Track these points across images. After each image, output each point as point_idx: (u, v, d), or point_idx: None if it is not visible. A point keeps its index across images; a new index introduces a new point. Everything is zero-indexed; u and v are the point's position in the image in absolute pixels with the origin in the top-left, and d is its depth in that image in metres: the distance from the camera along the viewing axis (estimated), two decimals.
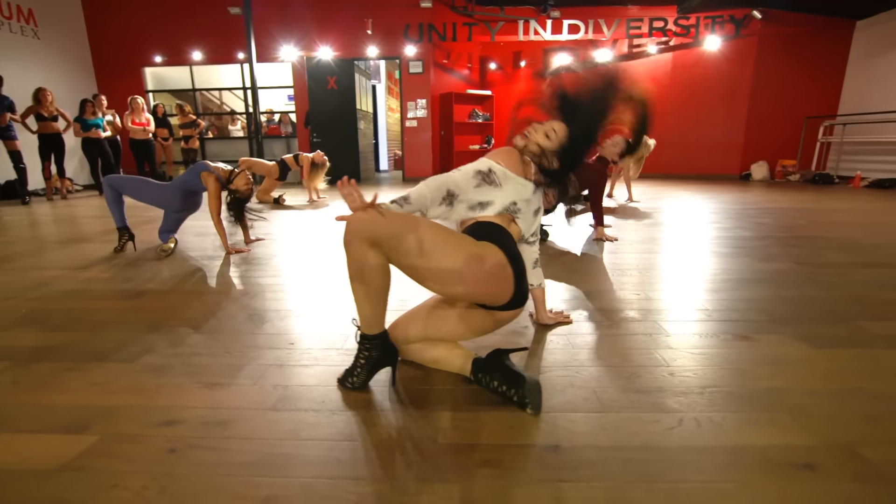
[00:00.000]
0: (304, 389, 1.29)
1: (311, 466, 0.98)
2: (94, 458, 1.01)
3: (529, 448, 1.03)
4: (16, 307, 2.03)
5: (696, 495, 0.88)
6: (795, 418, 1.13)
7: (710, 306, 1.93)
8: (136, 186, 2.99)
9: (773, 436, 1.07)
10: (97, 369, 1.43)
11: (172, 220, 3.06)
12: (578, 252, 2.93)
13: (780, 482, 0.92)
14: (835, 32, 7.50)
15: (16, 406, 1.23)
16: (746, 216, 4.25)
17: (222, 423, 1.13)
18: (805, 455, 1.00)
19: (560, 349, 1.54)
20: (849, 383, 1.31)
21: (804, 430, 1.09)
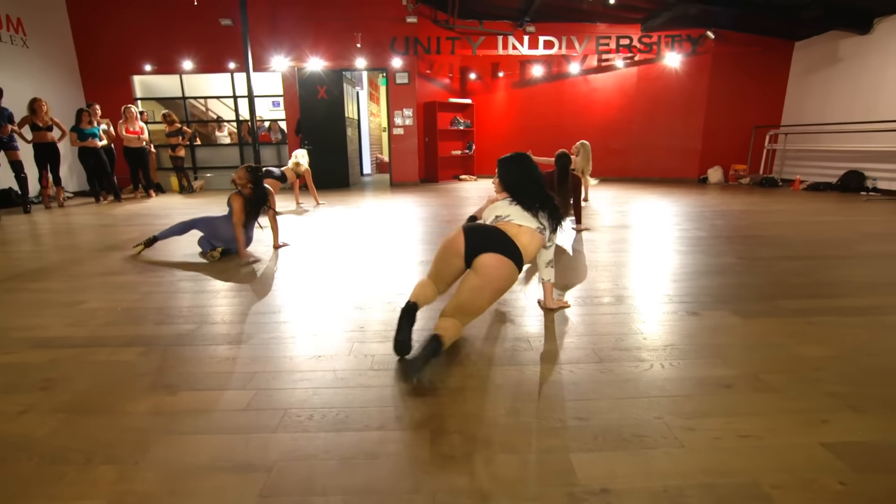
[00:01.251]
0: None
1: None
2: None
3: (548, 385, 1.57)
4: (111, 307, 2.42)
5: (661, 403, 1.44)
6: (724, 361, 1.71)
7: (672, 292, 2.52)
8: (210, 225, 3.52)
9: (708, 370, 1.64)
10: (215, 350, 1.89)
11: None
12: (563, 251, 3.51)
13: (709, 395, 1.49)
14: (777, 51, 8.43)
15: (180, 375, 1.68)
16: (703, 218, 4.95)
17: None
18: (727, 380, 1.57)
19: (563, 324, 2.09)
20: (761, 339, 1.91)
21: (727, 366, 1.67)
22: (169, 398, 1.52)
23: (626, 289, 2.60)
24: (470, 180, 9.86)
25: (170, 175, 8.68)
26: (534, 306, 2.32)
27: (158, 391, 1.56)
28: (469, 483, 1.11)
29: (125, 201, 7.27)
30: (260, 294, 2.60)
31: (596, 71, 9.25)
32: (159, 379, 1.64)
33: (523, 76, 9.78)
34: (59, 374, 1.69)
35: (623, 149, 9.34)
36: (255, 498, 1.08)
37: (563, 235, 4.06)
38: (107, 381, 1.64)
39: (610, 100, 9.28)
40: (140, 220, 5.36)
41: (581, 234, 4.12)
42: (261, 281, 2.87)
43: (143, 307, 2.40)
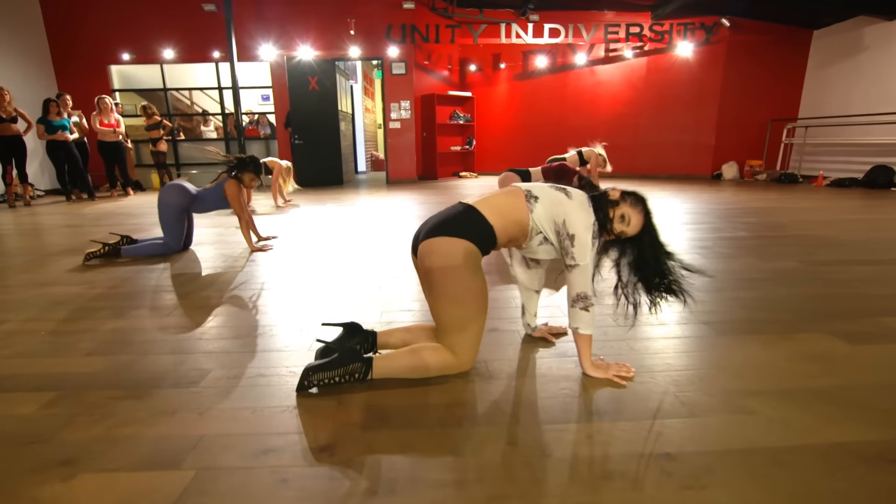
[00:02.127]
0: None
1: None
2: (201, 497, 0.97)
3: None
4: (34, 329, 1.89)
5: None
6: (843, 410, 1.22)
7: (741, 308, 2.02)
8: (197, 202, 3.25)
9: (848, 434, 1.14)
10: (157, 396, 1.36)
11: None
12: None
13: (871, 474, 0.99)
14: (795, 41, 7.99)
15: (88, 443, 1.15)
16: (733, 216, 4.47)
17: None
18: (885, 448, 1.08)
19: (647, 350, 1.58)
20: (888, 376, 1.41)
21: (858, 421, 1.17)
22: (59, 486, 1.00)
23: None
24: (470, 177, 9.35)
25: (150, 172, 8.11)
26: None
27: (49, 471, 1.04)
28: None
29: (99, 200, 6.70)
30: (232, 312, 2.08)
31: (603, 62, 8.77)
32: (58, 449, 1.12)
33: (526, 67, 9.28)
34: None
35: (630, 144, 8.87)
36: None
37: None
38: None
39: (617, 92, 8.80)
40: (111, 220, 4.81)
41: None
42: (233, 295, 2.34)
43: (76, 330, 1.88)
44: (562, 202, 1.33)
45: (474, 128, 9.55)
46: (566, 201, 1.33)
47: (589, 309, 1.35)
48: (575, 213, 1.31)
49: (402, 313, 2.02)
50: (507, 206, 1.34)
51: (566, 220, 1.30)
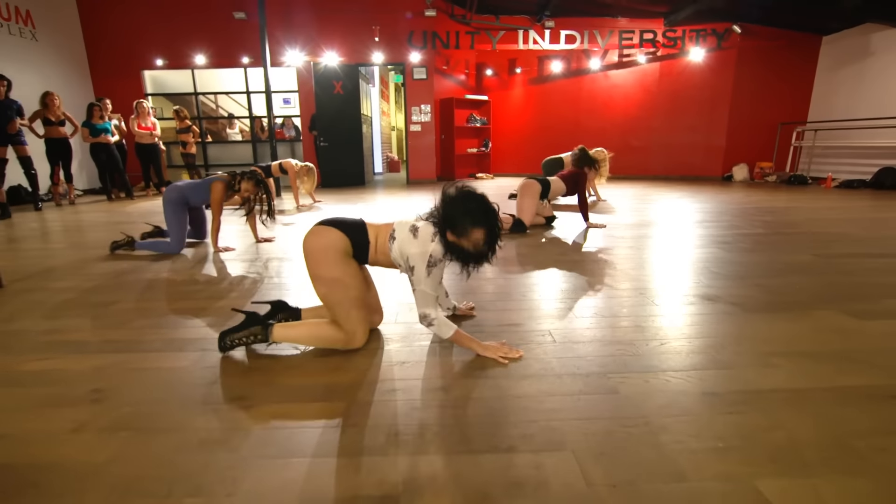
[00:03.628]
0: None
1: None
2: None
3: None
4: (147, 307, 2.20)
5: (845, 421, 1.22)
6: (852, 365, 1.49)
7: (762, 289, 2.30)
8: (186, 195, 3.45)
9: (861, 378, 1.42)
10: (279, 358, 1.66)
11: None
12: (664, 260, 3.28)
13: (880, 408, 1.27)
14: (804, 46, 8.23)
15: (249, 386, 1.45)
16: (749, 214, 4.73)
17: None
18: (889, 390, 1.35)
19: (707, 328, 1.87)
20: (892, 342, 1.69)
21: (865, 373, 1.45)
22: (243, 413, 1.29)
23: (709, 287, 2.37)
24: (487, 179, 9.64)
25: (181, 172, 8.46)
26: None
27: (231, 403, 1.34)
28: None
29: (137, 198, 7.04)
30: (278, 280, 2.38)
31: (616, 67, 9.04)
32: (227, 389, 1.42)
33: (541, 72, 9.57)
34: (108, 383, 1.46)
35: (643, 146, 9.13)
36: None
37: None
38: (167, 391, 1.41)
39: (630, 96, 9.07)
40: (156, 218, 5.13)
41: (620, 233, 3.90)
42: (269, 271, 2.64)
43: (181, 308, 2.18)
44: (408, 241, 1.58)
45: (490, 130, 9.84)
46: (411, 241, 1.57)
47: (433, 323, 1.56)
48: (415, 249, 1.55)
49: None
50: (381, 238, 1.66)
51: (409, 256, 1.57)
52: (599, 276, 2.60)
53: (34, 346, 1.76)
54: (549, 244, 3.47)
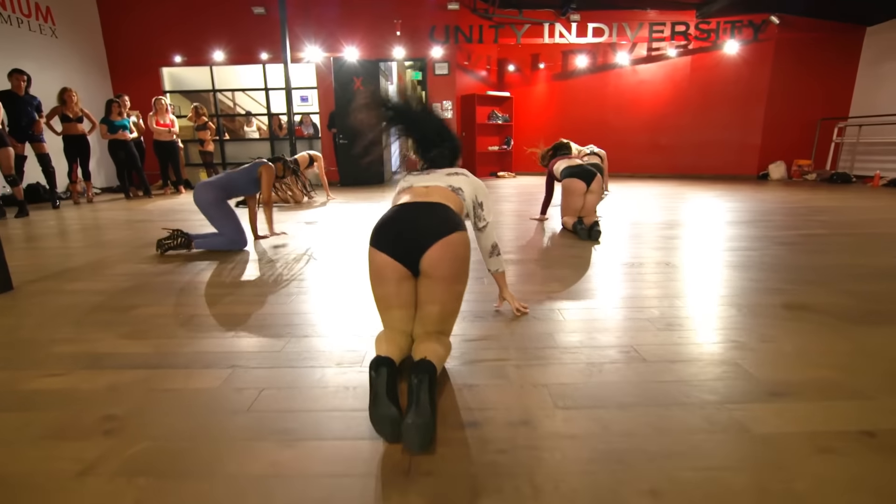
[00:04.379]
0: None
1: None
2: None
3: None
4: (167, 313, 1.98)
5: None
6: None
7: (856, 297, 2.00)
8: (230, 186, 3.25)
9: None
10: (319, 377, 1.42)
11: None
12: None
13: None
14: (846, 37, 7.80)
15: (284, 413, 1.21)
16: (800, 214, 4.39)
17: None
18: None
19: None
20: None
21: None
22: (286, 452, 1.05)
23: (793, 293, 2.08)
24: (508, 177, 9.36)
25: (199, 171, 8.34)
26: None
27: (270, 440, 1.10)
28: None
29: (155, 197, 6.91)
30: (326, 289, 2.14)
31: (645, 61, 8.69)
32: (265, 419, 1.18)
33: (565, 68, 9.25)
34: (124, 408, 1.24)
35: (672, 144, 8.76)
36: None
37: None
38: (194, 420, 1.18)
39: (659, 92, 8.71)
40: (176, 216, 4.97)
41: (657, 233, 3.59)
42: (320, 276, 2.41)
43: (208, 313, 1.96)
44: (469, 184, 1.60)
45: (512, 128, 9.56)
46: (470, 182, 1.61)
47: (500, 252, 1.76)
48: (479, 187, 1.66)
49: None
50: (452, 200, 1.50)
51: (478, 195, 1.64)
52: (664, 280, 2.32)
53: (42, 360, 1.55)
54: (591, 248, 3.19)
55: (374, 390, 1.10)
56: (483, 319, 1.84)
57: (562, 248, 3.11)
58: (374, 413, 1.06)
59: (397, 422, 1.04)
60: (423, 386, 1.07)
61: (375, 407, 1.06)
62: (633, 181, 8.07)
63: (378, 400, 1.07)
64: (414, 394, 1.07)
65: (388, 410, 1.05)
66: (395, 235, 1.35)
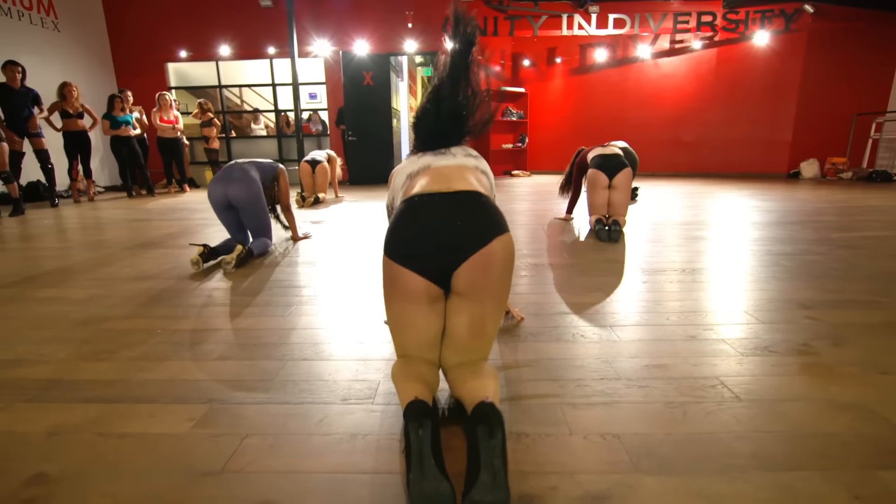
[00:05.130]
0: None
1: None
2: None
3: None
4: (147, 328, 1.68)
5: None
6: None
7: None
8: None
9: None
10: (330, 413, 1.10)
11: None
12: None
13: None
14: (885, 27, 7.33)
15: (275, 476, 0.90)
16: (853, 214, 4.01)
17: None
18: None
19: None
20: None
21: None
22: None
23: (881, 305, 1.73)
24: (523, 176, 9.01)
25: (204, 169, 8.11)
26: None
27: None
28: None
29: (159, 195, 6.68)
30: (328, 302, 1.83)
31: (667, 54, 8.28)
32: (246, 486, 0.87)
33: (583, 62, 8.87)
34: (60, 464, 0.94)
35: (696, 141, 8.35)
36: None
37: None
38: (147, 486, 0.87)
39: (682, 86, 8.30)
40: (177, 216, 4.70)
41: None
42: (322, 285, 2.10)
43: (192, 328, 1.65)
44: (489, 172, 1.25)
45: (527, 125, 9.20)
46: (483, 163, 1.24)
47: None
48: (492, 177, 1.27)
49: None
50: (484, 186, 1.15)
51: (488, 174, 1.23)
52: (726, 290, 1.97)
53: None
54: (623, 251, 2.84)
55: (419, 453, 0.78)
56: (516, 337, 1.51)
57: (595, 251, 2.77)
58: (419, 488, 0.75)
59: (448, 496, 0.73)
60: (497, 444, 0.77)
61: (422, 480, 0.75)
62: (655, 179, 7.68)
63: (425, 468, 0.76)
64: (484, 455, 0.76)
65: (441, 486, 0.74)
66: (423, 247, 1.01)
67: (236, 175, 2.59)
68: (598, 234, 3.02)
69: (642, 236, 3.17)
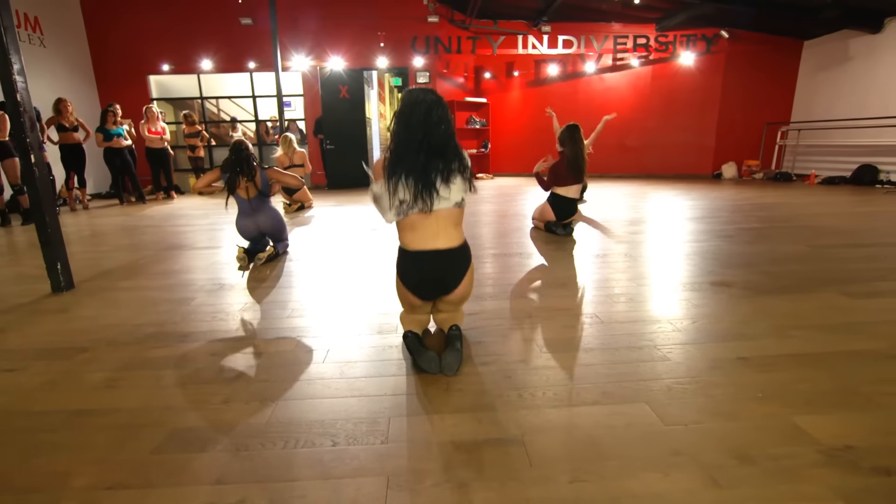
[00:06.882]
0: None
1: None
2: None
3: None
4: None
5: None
6: (853, 335, 1.80)
7: (768, 276, 2.62)
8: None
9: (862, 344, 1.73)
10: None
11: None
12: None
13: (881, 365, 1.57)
14: (787, 50, 8.68)
15: None
16: (744, 210, 5.10)
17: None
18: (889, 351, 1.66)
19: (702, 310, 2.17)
20: (882, 317, 2.00)
21: (865, 339, 1.76)
22: None
23: (724, 274, 2.68)
24: (487, 178, 9.93)
25: (188, 176, 8.57)
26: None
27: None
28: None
29: (149, 202, 7.16)
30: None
31: (611, 70, 9.40)
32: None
33: (538, 75, 9.88)
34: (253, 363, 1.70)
35: (638, 146, 9.51)
36: None
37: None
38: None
39: (625, 98, 9.44)
40: (177, 221, 5.29)
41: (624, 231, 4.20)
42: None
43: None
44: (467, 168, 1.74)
45: (489, 132, 10.13)
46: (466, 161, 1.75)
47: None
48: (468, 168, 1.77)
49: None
50: (458, 218, 1.68)
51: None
52: (626, 267, 2.90)
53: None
54: (571, 242, 3.76)
55: (415, 346, 1.65)
56: (482, 297, 2.36)
57: (550, 244, 3.66)
58: (421, 358, 1.60)
59: (437, 359, 1.57)
60: (458, 336, 1.66)
61: (420, 355, 1.61)
62: (603, 181, 8.77)
63: (420, 350, 1.63)
64: (451, 341, 1.63)
65: (430, 354, 1.59)
66: (420, 286, 1.67)
67: (258, 207, 3.19)
68: (556, 232, 3.84)
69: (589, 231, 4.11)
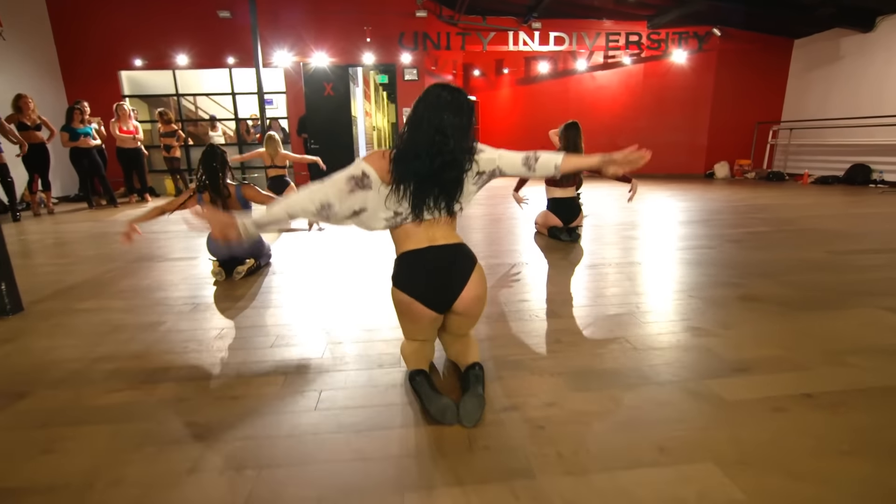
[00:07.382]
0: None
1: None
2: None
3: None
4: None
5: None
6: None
7: (793, 290, 2.42)
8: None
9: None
10: None
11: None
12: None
13: None
14: (777, 49, 8.64)
15: None
16: (742, 212, 4.95)
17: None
18: None
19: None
20: None
21: None
22: None
23: (746, 286, 2.48)
24: None
25: (164, 178, 8.13)
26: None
27: None
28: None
29: (121, 206, 6.72)
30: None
31: (602, 68, 9.25)
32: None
33: (528, 73, 9.68)
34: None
35: (629, 145, 9.31)
36: None
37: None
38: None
39: (616, 97, 9.29)
40: (153, 227, 4.89)
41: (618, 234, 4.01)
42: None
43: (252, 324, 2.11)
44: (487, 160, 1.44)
45: (478, 130, 9.89)
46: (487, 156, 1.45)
47: (539, 158, 1.42)
48: (488, 160, 1.44)
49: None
50: (455, 222, 1.49)
51: (490, 166, 1.44)
52: (640, 278, 2.67)
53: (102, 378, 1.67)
54: (576, 250, 3.53)
55: (425, 391, 1.37)
56: (492, 318, 2.10)
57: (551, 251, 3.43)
58: (434, 406, 1.32)
59: (453, 407, 1.30)
60: (480, 378, 1.40)
61: (432, 402, 1.33)
62: (595, 181, 8.59)
63: (431, 396, 1.35)
64: (472, 384, 1.36)
65: (444, 401, 1.32)
66: (425, 287, 1.38)
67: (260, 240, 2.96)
68: (560, 237, 3.64)
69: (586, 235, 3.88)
